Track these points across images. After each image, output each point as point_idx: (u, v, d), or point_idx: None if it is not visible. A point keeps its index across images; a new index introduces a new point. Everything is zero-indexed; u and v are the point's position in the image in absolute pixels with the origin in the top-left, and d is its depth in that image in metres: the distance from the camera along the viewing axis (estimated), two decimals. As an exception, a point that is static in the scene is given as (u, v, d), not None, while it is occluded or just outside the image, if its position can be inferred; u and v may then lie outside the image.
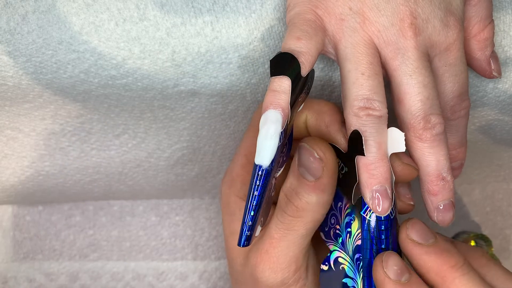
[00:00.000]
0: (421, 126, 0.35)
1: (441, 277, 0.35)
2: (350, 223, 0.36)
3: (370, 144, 0.35)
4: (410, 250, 0.36)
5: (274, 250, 0.37)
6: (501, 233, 0.55)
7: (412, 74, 0.35)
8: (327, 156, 0.36)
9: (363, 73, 0.35)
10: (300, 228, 0.37)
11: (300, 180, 0.36)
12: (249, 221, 0.34)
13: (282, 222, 0.37)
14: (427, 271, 0.35)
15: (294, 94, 0.34)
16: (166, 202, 0.54)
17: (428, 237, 0.36)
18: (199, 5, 0.38)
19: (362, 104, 0.35)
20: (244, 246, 0.35)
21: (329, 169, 0.36)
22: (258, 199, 0.34)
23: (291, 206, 0.36)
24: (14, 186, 0.48)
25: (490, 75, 0.39)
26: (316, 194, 0.36)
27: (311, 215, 0.36)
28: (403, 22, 0.35)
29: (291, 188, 0.37)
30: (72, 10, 0.38)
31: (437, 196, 0.37)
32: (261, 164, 0.34)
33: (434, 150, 0.36)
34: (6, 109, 0.43)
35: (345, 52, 0.36)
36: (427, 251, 0.35)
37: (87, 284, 0.54)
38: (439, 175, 0.36)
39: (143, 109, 0.43)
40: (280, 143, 0.34)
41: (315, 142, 0.36)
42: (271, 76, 0.34)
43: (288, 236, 0.37)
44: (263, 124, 0.34)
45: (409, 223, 0.36)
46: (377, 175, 0.35)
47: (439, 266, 0.35)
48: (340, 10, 0.36)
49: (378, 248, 0.35)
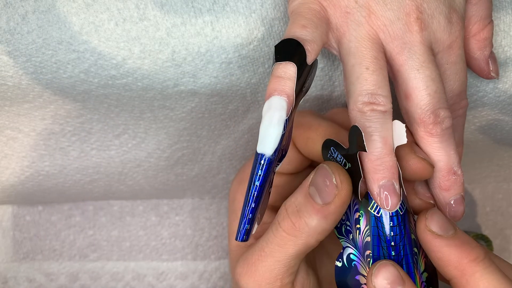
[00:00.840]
0: (431, 120, 0.35)
1: (460, 271, 0.34)
2: (359, 219, 0.35)
3: (375, 140, 0.34)
4: (429, 242, 0.34)
5: (261, 264, 0.36)
6: (501, 233, 0.55)
7: (420, 69, 0.35)
8: (344, 186, 0.34)
9: (368, 68, 0.35)
10: (290, 248, 0.35)
11: (307, 199, 0.35)
12: (249, 214, 0.33)
13: (275, 236, 0.35)
14: (446, 264, 0.34)
15: (299, 82, 0.33)
16: (166, 202, 0.54)
17: (448, 228, 0.34)
18: (199, 5, 0.38)
19: (367, 99, 0.34)
20: (242, 241, 0.34)
21: (341, 199, 0.34)
22: (259, 190, 0.33)
23: (288, 221, 0.35)
24: (14, 186, 0.48)
25: (488, 75, 0.39)
26: (317, 218, 0.34)
27: (305, 238, 0.35)
28: (409, 17, 0.35)
29: (294, 204, 0.35)
30: (72, 10, 0.38)
31: (449, 191, 0.36)
32: (263, 153, 0.32)
33: (444, 145, 0.36)
34: (6, 109, 0.43)
35: (349, 46, 0.36)
36: (447, 243, 0.34)
37: (87, 284, 0.54)
38: (451, 169, 0.36)
39: (143, 109, 0.43)
40: (284, 132, 0.32)
41: (336, 168, 0.35)
42: (275, 62, 0.33)
43: (277, 253, 0.35)
44: (267, 111, 0.32)
45: (428, 213, 0.35)
46: (383, 170, 0.34)
47: (459, 259, 0.34)
48: (345, 3, 0.36)
49: (387, 245, 0.35)
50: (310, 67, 0.35)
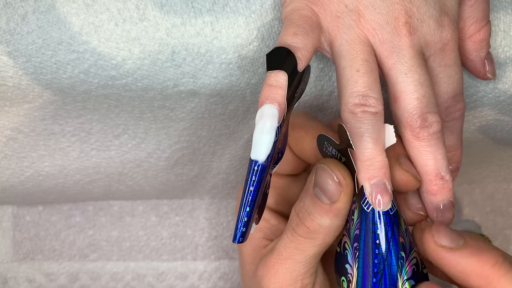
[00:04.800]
0: (418, 124, 0.35)
1: (485, 279, 0.33)
2: (353, 210, 0.36)
3: (366, 140, 0.35)
4: (444, 257, 0.34)
5: (281, 267, 0.37)
6: (501, 233, 0.55)
7: (408, 73, 0.35)
8: (347, 181, 0.35)
9: (358, 70, 0.35)
10: (309, 249, 0.36)
11: (315, 201, 0.35)
12: (244, 217, 0.34)
13: (291, 241, 0.36)
14: (468, 275, 0.34)
15: (290, 89, 0.34)
16: (166, 202, 0.54)
17: (457, 239, 0.34)
18: (199, 5, 0.38)
19: (357, 100, 0.35)
20: (239, 243, 0.35)
21: (347, 195, 0.35)
22: (253, 195, 0.34)
23: (303, 227, 0.36)
24: (14, 186, 0.48)
25: (484, 76, 0.39)
26: (329, 217, 0.35)
27: (322, 238, 0.36)
28: (398, 21, 0.35)
29: (304, 208, 0.36)
30: (72, 11, 0.38)
31: (436, 196, 0.36)
32: (257, 159, 0.33)
33: (431, 149, 0.36)
34: (6, 109, 0.43)
35: (340, 49, 0.36)
36: (463, 254, 0.34)
37: (87, 284, 0.54)
38: (438, 174, 0.36)
39: (143, 109, 0.43)
40: (276, 139, 0.33)
41: (335, 165, 0.35)
42: (267, 70, 0.34)
43: (296, 256, 0.36)
44: (259, 119, 0.33)
45: (433, 229, 0.35)
46: (374, 170, 0.34)
47: (481, 267, 0.33)
48: (335, 7, 0.36)
49: (372, 242, 0.35)
50: (302, 74, 0.35)
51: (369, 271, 0.35)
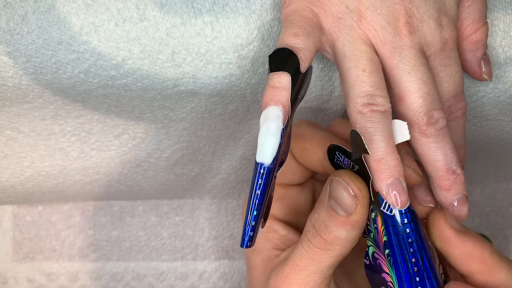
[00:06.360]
0: (425, 121, 0.35)
1: (484, 264, 0.35)
2: (375, 219, 0.35)
3: (378, 139, 0.35)
4: (453, 238, 0.35)
5: (295, 277, 0.36)
6: (501, 233, 0.55)
7: (411, 72, 0.36)
8: (363, 194, 0.35)
9: (364, 70, 0.35)
10: (325, 260, 0.36)
11: (330, 213, 0.35)
12: (252, 221, 0.34)
13: (307, 252, 0.36)
14: (470, 258, 0.35)
15: (293, 91, 0.34)
16: (166, 202, 0.54)
17: (462, 225, 0.36)
18: (199, 6, 0.38)
19: (366, 100, 0.35)
20: (247, 247, 0.35)
21: (363, 207, 0.35)
22: (260, 198, 0.34)
23: (319, 238, 0.35)
24: (14, 186, 0.48)
25: (480, 77, 0.40)
26: (346, 229, 0.35)
27: (338, 249, 0.35)
28: (398, 21, 0.36)
29: (319, 220, 0.36)
30: (72, 11, 0.38)
31: (450, 191, 0.36)
32: (263, 162, 0.33)
33: (440, 144, 0.36)
34: (6, 109, 0.43)
35: (343, 50, 0.36)
36: (469, 238, 0.35)
37: (87, 284, 0.54)
38: (449, 168, 0.36)
39: (143, 109, 0.43)
40: (281, 141, 0.33)
41: (349, 178, 0.35)
42: (270, 72, 0.34)
43: (312, 267, 0.36)
44: (264, 121, 0.33)
45: (445, 212, 0.36)
46: (389, 169, 0.34)
47: (482, 252, 0.35)
48: (336, 9, 0.36)
49: (405, 243, 0.35)
50: (305, 75, 0.35)
51: (409, 272, 0.35)
